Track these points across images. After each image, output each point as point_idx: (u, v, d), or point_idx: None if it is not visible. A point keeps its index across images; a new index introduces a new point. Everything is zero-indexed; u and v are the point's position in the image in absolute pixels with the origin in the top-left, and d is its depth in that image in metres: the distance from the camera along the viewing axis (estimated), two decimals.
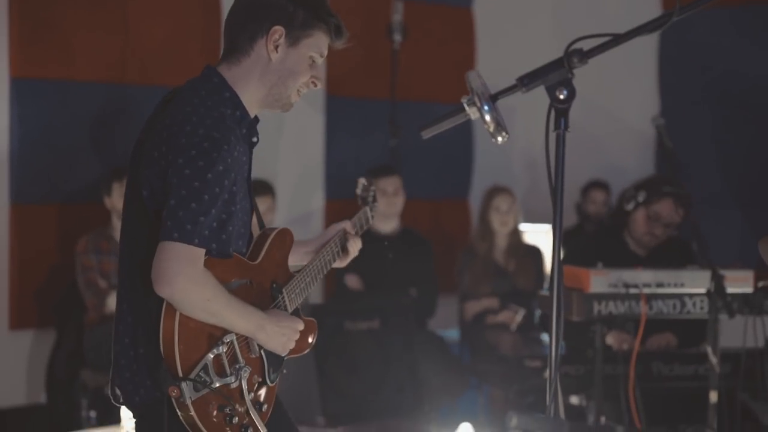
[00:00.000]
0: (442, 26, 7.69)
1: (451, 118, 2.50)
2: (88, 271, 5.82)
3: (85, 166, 6.27)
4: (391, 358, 5.84)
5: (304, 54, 2.91)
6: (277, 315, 2.93)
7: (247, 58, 2.89)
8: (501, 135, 2.45)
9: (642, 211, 5.30)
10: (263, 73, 2.90)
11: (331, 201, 7.27)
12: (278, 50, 2.88)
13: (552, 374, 2.41)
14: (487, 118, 2.43)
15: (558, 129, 2.39)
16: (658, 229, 5.29)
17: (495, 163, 7.72)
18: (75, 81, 6.24)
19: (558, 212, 2.40)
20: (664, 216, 5.28)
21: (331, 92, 7.17)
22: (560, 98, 2.40)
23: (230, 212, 2.77)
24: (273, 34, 2.87)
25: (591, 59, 2.36)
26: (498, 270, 6.57)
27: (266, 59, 2.89)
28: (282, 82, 2.91)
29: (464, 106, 2.45)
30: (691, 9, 2.32)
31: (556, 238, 2.42)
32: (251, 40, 2.88)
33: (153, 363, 2.75)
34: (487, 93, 2.42)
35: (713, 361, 4.50)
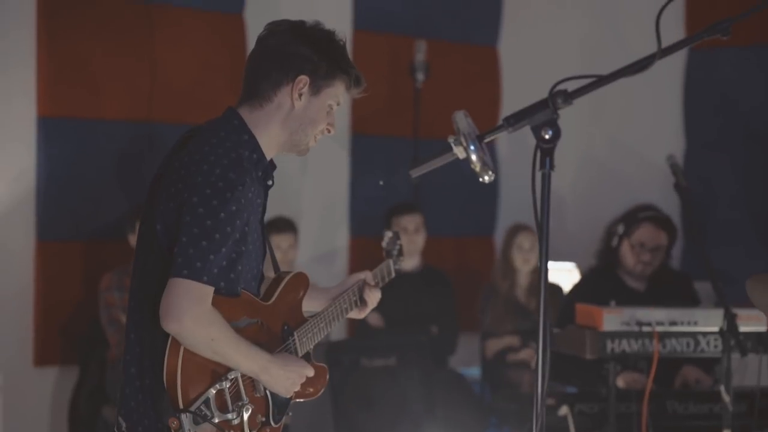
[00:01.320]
0: (467, 64, 7.73)
1: (439, 157, 2.55)
2: (111, 308, 5.88)
3: (110, 203, 6.35)
4: (408, 395, 5.85)
5: (324, 102, 3.01)
6: (284, 358, 2.97)
7: (270, 103, 2.97)
8: (487, 174, 2.50)
9: (626, 243, 5.35)
10: (285, 120, 2.97)
11: (356, 238, 7.31)
12: (302, 98, 2.96)
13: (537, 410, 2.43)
14: (473, 158, 2.48)
15: (543, 168, 2.42)
16: (646, 255, 5.32)
17: (520, 201, 7.69)
18: (101, 119, 6.33)
19: (544, 251, 2.45)
20: (647, 241, 5.31)
21: (356, 130, 7.23)
22: (545, 138, 2.44)
23: (240, 252, 2.83)
24: (298, 83, 2.95)
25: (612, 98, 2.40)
26: (519, 308, 6.57)
27: (289, 106, 2.97)
28: (303, 129, 3.00)
29: (451, 145, 2.50)
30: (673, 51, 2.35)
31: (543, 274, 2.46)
32: (275, 87, 2.97)
33: (157, 394, 2.80)
34: (473, 133, 2.47)
35: (726, 400, 4.49)
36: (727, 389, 4.49)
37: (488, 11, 7.86)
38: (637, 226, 5.35)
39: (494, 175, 2.48)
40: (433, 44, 7.18)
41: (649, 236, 5.33)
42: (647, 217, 5.36)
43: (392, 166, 7.31)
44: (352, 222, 7.31)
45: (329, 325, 3.25)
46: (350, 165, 7.28)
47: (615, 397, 4.64)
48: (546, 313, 2.41)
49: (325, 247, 7.22)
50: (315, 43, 2.98)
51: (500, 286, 6.62)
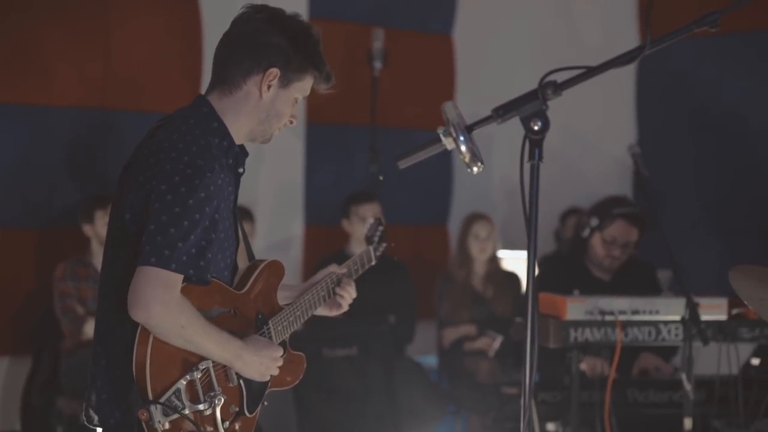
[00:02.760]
0: (423, 53, 7.74)
1: (427, 148, 2.53)
2: (66, 297, 5.81)
3: (64, 191, 6.27)
4: (370, 385, 5.84)
5: (292, 95, 3.01)
6: (256, 343, 2.94)
7: (239, 91, 2.96)
8: (476, 165, 2.49)
9: (597, 236, 5.38)
10: (252, 109, 2.96)
11: (311, 227, 7.29)
12: (270, 90, 2.94)
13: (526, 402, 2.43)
14: (462, 149, 2.46)
15: (532, 159, 2.42)
16: (616, 251, 5.38)
17: (474, 190, 7.76)
18: (54, 106, 6.25)
19: (532, 242, 2.44)
20: (619, 238, 5.36)
21: (312, 119, 7.20)
22: (535, 129, 2.44)
23: (210, 239, 2.80)
24: (269, 75, 2.94)
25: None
26: (476, 297, 6.59)
27: (257, 96, 2.95)
28: (268, 120, 2.99)
29: (440, 136, 2.49)
30: (663, 43, 2.36)
31: (530, 266, 2.45)
32: (246, 75, 2.95)
33: (127, 386, 2.77)
34: (462, 124, 2.46)
35: (687, 388, 4.53)
36: (688, 377, 4.53)
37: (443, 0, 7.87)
38: (611, 221, 5.37)
39: (483, 166, 2.47)
40: (390, 32, 7.17)
41: (621, 232, 5.37)
42: (621, 214, 5.38)
43: (348, 154, 7.29)
44: (306, 210, 7.28)
45: (305, 314, 3.23)
46: (305, 154, 7.25)
47: (578, 386, 4.67)
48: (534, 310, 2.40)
49: (280, 235, 7.19)
50: (291, 36, 2.95)
51: (457, 274, 6.63)
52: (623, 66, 2.43)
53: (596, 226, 5.39)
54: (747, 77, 7.13)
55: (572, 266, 5.49)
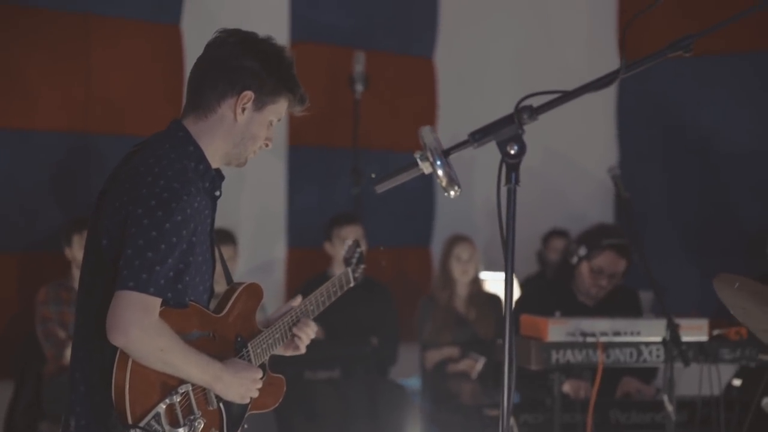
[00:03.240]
0: (404, 76, 7.77)
1: (405, 172, 2.54)
2: (48, 321, 5.80)
3: (46, 215, 6.27)
4: (352, 408, 5.84)
5: (266, 118, 3.00)
6: (235, 365, 2.94)
7: (213, 114, 2.96)
8: (454, 189, 2.50)
9: (585, 265, 5.39)
10: (227, 132, 2.96)
11: (294, 249, 7.30)
12: (244, 113, 2.95)
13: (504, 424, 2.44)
14: (439, 173, 2.48)
15: (509, 183, 2.43)
16: (603, 280, 5.38)
17: (456, 212, 7.77)
18: (36, 130, 6.25)
19: (509, 264, 2.44)
20: (607, 268, 5.37)
21: (293, 142, 7.22)
22: (511, 153, 2.44)
23: (188, 262, 2.80)
24: (243, 98, 2.94)
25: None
26: (458, 319, 6.60)
27: (231, 120, 2.96)
28: (243, 143, 2.99)
29: (417, 160, 2.50)
30: (637, 67, 2.38)
31: (507, 290, 2.46)
32: (220, 99, 2.95)
33: (106, 411, 2.76)
34: (439, 148, 2.47)
35: (669, 409, 4.54)
36: (670, 398, 4.55)
37: (424, 23, 7.90)
38: (600, 252, 5.37)
39: (460, 190, 2.49)
40: (371, 55, 7.20)
41: (609, 263, 5.38)
42: (610, 245, 5.38)
43: (331, 177, 7.31)
44: (289, 233, 7.29)
45: (283, 337, 3.22)
46: (287, 176, 7.27)
47: (560, 407, 4.67)
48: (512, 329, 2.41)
49: (263, 258, 7.20)
50: (264, 59, 2.96)
51: (439, 297, 6.64)
52: (598, 90, 2.44)
53: (584, 255, 5.39)
54: (725, 99, 7.19)
55: (557, 289, 5.50)
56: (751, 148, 7.10)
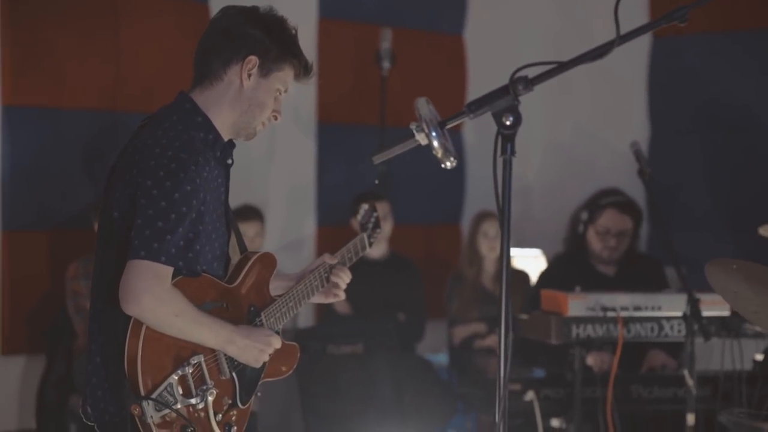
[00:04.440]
0: (433, 53, 7.74)
1: (401, 144, 2.56)
2: (78, 296, 5.87)
3: (76, 193, 6.33)
4: (375, 382, 5.86)
5: (273, 86, 3.04)
6: (248, 329, 2.99)
7: (220, 82, 2.99)
8: (449, 160, 2.51)
9: (591, 230, 5.39)
10: (234, 99, 2.99)
11: (323, 227, 7.32)
12: (251, 78, 2.98)
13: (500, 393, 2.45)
14: (435, 144, 2.49)
15: (504, 154, 2.44)
16: (611, 241, 5.38)
17: (486, 188, 7.71)
18: (66, 109, 6.31)
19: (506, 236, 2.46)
20: (612, 227, 5.37)
21: (322, 119, 7.23)
22: (507, 124, 2.46)
23: (198, 231, 2.84)
24: (248, 63, 2.97)
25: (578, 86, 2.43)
26: (486, 295, 6.60)
27: (238, 86, 2.99)
28: (251, 111, 3.02)
29: (413, 132, 2.52)
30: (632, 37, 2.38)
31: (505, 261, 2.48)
32: (225, 65, 2.99)
33: (120, 381, 2.81)
34: (435, 120, 2.48)
35: (690, 384, 4.54)
36: (690, 373, 4.54)
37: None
38: (601, 212, 5.40)
39: (456, 161, 2.50)
40: (399, 32, 7.19)
41: (613, 222, 5.39)
42: (610, 203, 5.42)
43: (359, 154, 7.31)
44: (318, 211, 7.32)
45: (298, 304, 3.25)
46: (316, 153, 7.28)
47: (580, 381, 4.68)
48: (508, 299, 2.43)
49: (292, 235, 7.23)
50: (267, 27, 3.01)
51: (467, 273, 6.64)
52: (594, 61, 2.45)
53: (587, 219, 5.41)
54: (758, 74, 7.11)
55: (577, 262, 5.50)
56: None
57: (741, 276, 2.92)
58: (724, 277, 2.99)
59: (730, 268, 2.91)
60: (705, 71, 7.30)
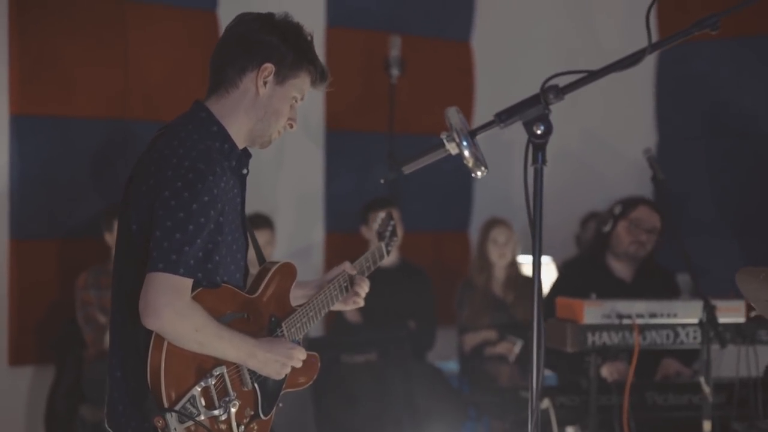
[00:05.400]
0: (441, 60, 7.75)
1: (431, 153, 2.55)
2: (88, 306, 5.86)
3: (85, 202, 6.32)
4: (389, 391, 5.85)
5: (289, 94, 3.01)
6: (270, 341, 2.97)
7: (235, 90, 2.97)
8: (480, 170, 2.50)
9: (623, 223, 5.43)
10: (250, 107, 2.97)
11: (331, 234, 7.31)
12: (266, 86, 2.96)
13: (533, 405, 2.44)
14: (466, 154, 2.48)
15: (536, 163, 2.43)
16: (642, 235, 5.41)
17: (495, 195, 7.76)
18: (75, 117, 6.30)
19: (537, 245, 2.46)
20: (645, 220, 5.42)
21: (331, 126, 7.22)
22: (537, 133, 2.45)
23: (217, 242, 2.81)
24: (263, 71, 2.95)
25: (585, 92, 2.41)
26: (496, 302, 6.59)
27: (254, 93, 2.97)
28: (266, 119, 3.00)
29: (443, 141, 2.50)
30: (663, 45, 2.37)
31: (536, 269, 2.47)
32: (241, 73, 2.96)
33: (142, 395, 2.79)
34: (465, 129, 2.47)
35: (706, 391, 4.52)
36: (706, 380, 4.53)
37: (461, 6, 7.88)
38: (635, 206, 5.49)
39: (487, 170, 2.49)
40: (407, 40, 7.19)
41: (646, 216, 5.46)
42: (644, 200, 5.53)
43: (367, 161, 7.31)
44: (327, 218, 7.31)
45: (318, 314, 3.24)
46: (325, 161, 7.28)
47: (596, 389, 4.66)
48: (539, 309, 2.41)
49: (301, 243, 7.22)
50: (283, 34, 2.98)
51: (477, 280, 6.64)
52: (625, 69, 2.43)
53: (620, 212, 5.45)
54: (764, 80, 7.12)
55: (593, 267, 5.50)
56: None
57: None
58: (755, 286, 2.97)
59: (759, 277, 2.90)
60: (712, 77, 7.30)
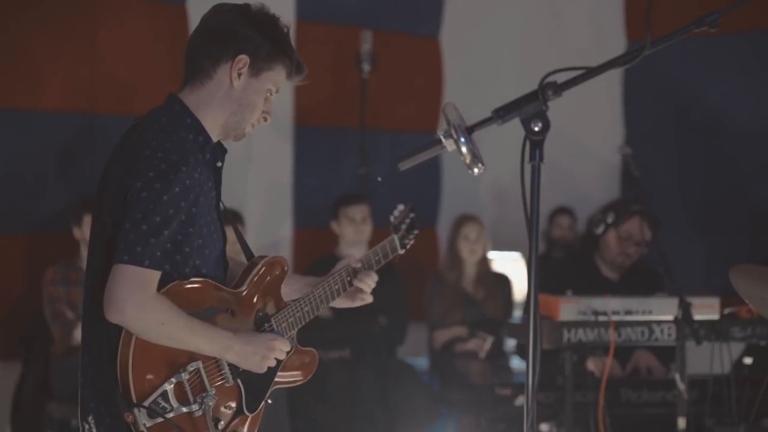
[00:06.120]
0: (410, 56, 7.74)
1: (428, 150, 2.52)
2: (56, 301, 5.79)
3: (52, 196, 6.25)
4: (362, 388, 5.84)
5: (263, 86, 2.97)
6: (249, 335, 2.92)
7: (210, 81, 2.93)
8: (477, 167, 2.48)
9: (613, 233, 5.38)
10: (224, 99, 2.93)
11: (300, 230, 7.28)
12: (240, 78, 2.92)
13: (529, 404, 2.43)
14: (463, 151, 2.45)
15: (533, 160, 2.42)
16: (631, 248, 5.38)
17: (462, 192, 7.76)
18: (42, 110, 6.23)
19: (534, 242, 2.43)
20: (635, 234, 5.37)
21: (300, 122, 7.19)
22: (535, 130, 2.43)
23: (188, 233, 2.77)
24: (238, 62, 2.91)
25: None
26: (467, 298, 6.59)
27: (228, 85, 2.93)
28: (240, 111, 2.95)
29: (441, 138, 2.48)
30: (662, 43, 2.37)
31: (532, 267, 2.44)
32: (215, 64, 2.92)
33: (113, 391, 2.75)
34: (463, 125, 2.45)
35: (681, 388, 4.54)
36: (681, 377, 4.55)
37: (430, 2, 7.87)
38: (628, 217, 5.39)
39: (484, 167, 2.47)
40: (378, 35, 7.17)
41: (637, 230, 5.38)
42: (638, 211, 5.40)
43: (337, 157, 7.29)
44: (295, 214, 7.28)
45: (316, 308, 3.18)
46: (294, 156, 7.25)
47: (572, 386, 4.67)
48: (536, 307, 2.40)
49: (269, 238, 7.18)
50: (259, 25, 2.94)
51: (447, 276, 6.63)
52: (623, 66, 2.43)
53: (612, 222, 5.39)
54: (731, 78, 7.17)
55: (581, 264, 5.48)
56: (758, 128, 7.08)
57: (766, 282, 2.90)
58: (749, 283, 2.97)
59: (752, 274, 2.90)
60: (679, 76, 7.34)
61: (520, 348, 5.37)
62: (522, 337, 4.88)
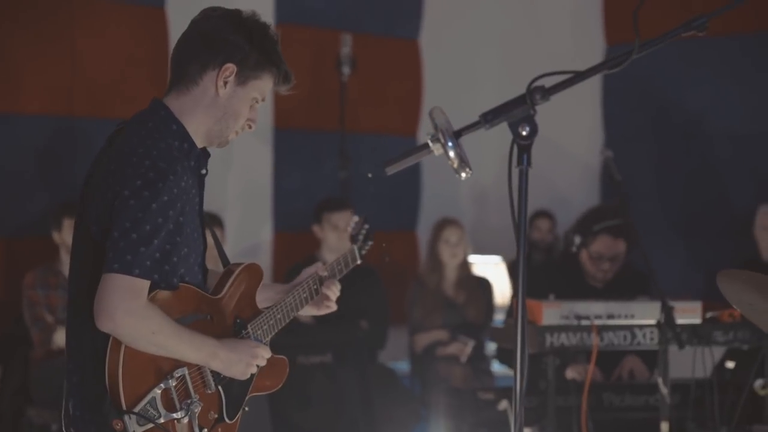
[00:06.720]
0: (390, 58, 7.74)
1: (416, 154, 2.51)
2: (35, 306, 5.75)
3: (32, 200, 6.23)
4: (344, 392, 5.82)
5: (249, 95, 2.93)
6: (233, 342, 2.91)
7: (196, 87, 2.89)
8: (465, 171, 2.47)
9: (584, 253, 5.32)
10: (209, 106, 2.90)
11: (280, 233, 7.26)
12: (227, 86, 2.89)
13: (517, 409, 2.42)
14: (451, 155, 2.44)
15: (521, 165, 2.41)
16: (605, 264, 5.32)
17: (442, 196, 7.76)
18: (21, 114, 6.19)
19: (522, 247, 2.41)
20: (605, 252, 5.29)
21: (279, 125, 7.18)
22: (523, 134, 2.42)
23: (175, 242, 2.74)
24: (225, 71, 2.88)
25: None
26: (448, 302, 6.59)
27: (213, 93, 2.89)
28: (225, 119, 2.92)
29: (428, 142, 2.46)
30: (650, 47, 2.36)
31: (520, 272, 2.42)
32: (202, 71, 2.88)
33: (101, 398, 2.72)
34: (451, 129, 2.43)
35: (664, 392, 4.54)
36: (664, 381, 4.54)
37: (410, 4, 7.87)
38: (594, 238, 5.30)
39: (471, 171, 2.45)
40: (357, 37, 7.16)
41: (606, 247, 5.29)
42: (603, 229, 5.30)
43: (317, 160, 7.27)
44: (275, 217, 7.26)
45: (287, 316, 3.19)
46: (273, 160, 7.23)
47: (554, 390, 4.66)
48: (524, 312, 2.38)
49: (249, 241, 7.17)
50: (248, 33, 2.89)
51: (428, 280, 6.63)
52: (611, 70, 2.42)
53: (581, 243, 5.33)
54: (711, 81, 7.19)
55: (567, 272, 5.44)
56: (738, 131, 7.11)
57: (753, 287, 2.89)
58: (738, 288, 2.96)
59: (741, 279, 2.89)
60: (658, 79, 7.36)
61: (501, 352, 5.35)
62: (503, 341, 4.86)
